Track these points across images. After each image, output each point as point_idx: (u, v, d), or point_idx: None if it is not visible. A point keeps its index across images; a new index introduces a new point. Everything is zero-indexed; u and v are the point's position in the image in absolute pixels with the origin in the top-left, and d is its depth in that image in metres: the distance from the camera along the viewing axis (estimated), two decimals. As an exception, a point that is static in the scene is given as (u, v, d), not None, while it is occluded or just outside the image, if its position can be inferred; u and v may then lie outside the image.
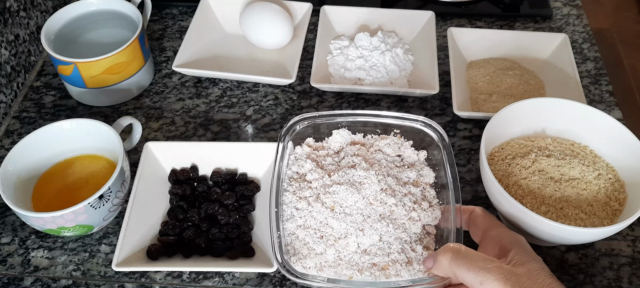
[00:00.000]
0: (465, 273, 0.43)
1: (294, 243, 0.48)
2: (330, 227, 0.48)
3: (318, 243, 0.47)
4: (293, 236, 0.48)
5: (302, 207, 0.50)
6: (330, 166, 0.53)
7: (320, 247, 0.47)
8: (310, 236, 0.48)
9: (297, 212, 0.50)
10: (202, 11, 0.79)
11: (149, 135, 0.68)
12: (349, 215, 0.49)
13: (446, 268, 0.45)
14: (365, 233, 0.48)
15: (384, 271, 0.47)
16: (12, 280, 0.56)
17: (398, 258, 0.47)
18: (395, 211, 0.50)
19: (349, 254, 0.47)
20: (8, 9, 0.70)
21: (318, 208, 0.49)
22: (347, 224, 0.48)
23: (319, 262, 0.47)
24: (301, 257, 0.47)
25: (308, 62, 0.76)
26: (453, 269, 0.44)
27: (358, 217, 0.48)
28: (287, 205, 0.50)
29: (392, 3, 0.85)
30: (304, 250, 0.47)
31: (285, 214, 0.50)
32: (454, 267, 0.44)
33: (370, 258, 0.47)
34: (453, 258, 0.44)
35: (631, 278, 0.55)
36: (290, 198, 0.51)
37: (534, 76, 0.72)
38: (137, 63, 0.70)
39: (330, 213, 0.49)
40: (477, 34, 0.76)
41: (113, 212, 0.57)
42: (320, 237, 0.48)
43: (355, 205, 0.49)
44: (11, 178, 0.56)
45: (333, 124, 0.55)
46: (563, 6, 0.85)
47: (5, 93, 0.70)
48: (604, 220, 0.53)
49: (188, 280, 0.55)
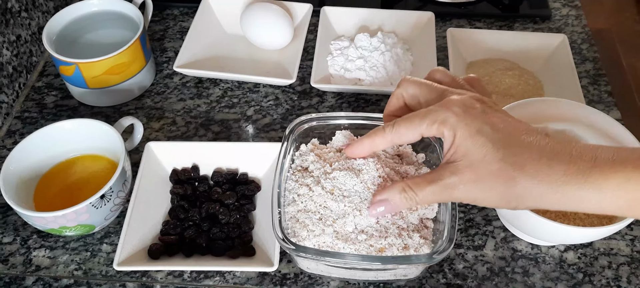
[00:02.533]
0: (409, 132, 0.43)
1: (294, 226, 0.49)
2: (329, 210, 0.49)
3: (317, 224, 0.48)
4: (293, 219, 0.49)
5: (303, 192, 0.51)
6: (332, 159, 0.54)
7: (319, 228, 0.48)
8: (310, 218, 0.49)
9: (299, 197, 0.51)
10: (202, 12, 0.79)
11: (150, 135, 0.68)
12: (347, 197, 0.49)
13: (399, 189, 0.44)
14: (362, 214, 0.48)
15: (381, 252, 0.47)
16: (14, 280, 0.56)
17: (395, 242, 0.48)
18: None
19: (346, 233, 0.48)
20: (10, 9, 0.71)
21: (318, 192, 0.50)
22: (345, 205, 0.49)
23: (317, 243, 0.48)
24: (301, 238, 0.48)
25: (308, 63, 0.76)
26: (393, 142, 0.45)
27: (356, 199, 0.49)
28: (289, 192, 0.51)
29: (392, 4, 0.86)
30: (303, 232, 0.48)
31: (287, 199, 0.51)
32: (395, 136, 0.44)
33: (367, 239, 0.48)
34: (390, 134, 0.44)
35: (630, 278, 0.55)
36: (293, 185, 0.52)
37: (533, 76, 0.72)
38: (139, 63, 0.70)
39: (330, 196, 0.50)
40: (477, 34, 0.76)
41: (114, 211, 0.57)
42: (319, 218, 0.49)
43: (354, 188, 0.50)
44: (13, 178, 0.56)
45: (336, 125, 0.56)
46: (562, 7, 0.86)
47: (7, 93, 0.70)
48: (603, 220, 0.53)
49: (189, 279, 0.56)
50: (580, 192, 0.38)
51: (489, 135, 0.40)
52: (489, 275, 0.56)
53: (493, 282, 0.55)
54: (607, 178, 0.38)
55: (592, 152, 0.39)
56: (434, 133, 0.42)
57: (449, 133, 0.41)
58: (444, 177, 0.42)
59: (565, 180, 0.38)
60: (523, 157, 0.39)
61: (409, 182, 0.44)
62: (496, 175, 0.39)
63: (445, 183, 0.41)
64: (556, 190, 0.38)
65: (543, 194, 0.39)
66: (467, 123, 0.40)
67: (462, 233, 0.59)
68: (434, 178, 0.42)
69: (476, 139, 0.40)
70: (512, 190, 0.39)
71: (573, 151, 0.39)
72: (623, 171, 0.37)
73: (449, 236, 0.47)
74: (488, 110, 0.42)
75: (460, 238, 0.58)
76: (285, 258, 0.57)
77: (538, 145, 0.40)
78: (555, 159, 0.39)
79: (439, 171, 0.42)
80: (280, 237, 0.47)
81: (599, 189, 0.38)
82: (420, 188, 0.43)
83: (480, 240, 0.58)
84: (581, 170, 0.38)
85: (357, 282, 0.55)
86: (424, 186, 0.43)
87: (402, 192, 0.44)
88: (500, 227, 0.59)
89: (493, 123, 0.41)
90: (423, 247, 0.48)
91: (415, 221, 0.50)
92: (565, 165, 0.38)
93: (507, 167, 0.39)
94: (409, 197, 0.44)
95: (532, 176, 0.39)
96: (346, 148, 0.51)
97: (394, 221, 0.49)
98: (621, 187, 0.37)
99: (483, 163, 0.40)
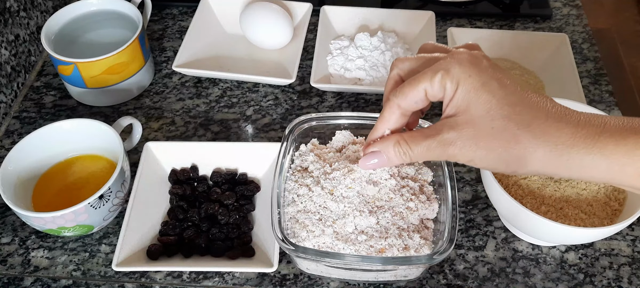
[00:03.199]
0: (412, 94, 0.40)
1: (293, 227, 0.49)
2: (329, 210, 0.49)
3: (316, 224, 0.48)
4: (293, 220, 0.49)
5: (303, 193, 0.50)
6: (332, 159, 0.54)
7: (319, 228, 0.48)
8: (309, 219, 0.49)
9: (298, 198, 0.50)
10: (202, 11, 0.79)
11: (149, 135, 0.68)
12: (346, 197, 0.49)
13: (392, 141, 0.42)
14: (362, 214, 0.48)
15: (381, 253, 0.47)
16: (12, 280, 0.56)
17: (395, 243, 0.47)
18: (393, 198, 0.50)
19: (346, 234, 0.48)
20: (8, 9, 0.70)
21: (318, 192, 0.50)
22: (345, 205, 0.49)
23: (316, 243, 0.47)
24: (300, 239, 0.48)
25: (308, 62, 0.76)
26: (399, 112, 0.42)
27: (355, 199, 0.49)
28: (289, 192, 0.51)
29: (392, 3, 0.85)
30: (302, 233, 0.48)
31: (286, 200, 0.51)
32: (399, 102, 0.41)
33: (367, 239, 0.47)
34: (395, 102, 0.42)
35: (631, 278, 0.55)
36: (292, 185, 0.51)
37: (534, 76, 0.72)
38: (137, 63, 0.70)
39: (329, 197, 0.49)
40: (477, 34, 0.76)
41: (113, 212, 0.57)
42: (319, 219, 0.49)
43: (354, 189, 0.50)
44: (11, 178, 0.56)
45: (335, 125, 0.56)
46: (563, 6, 0.85)
47: (5, 93, 0.70)
48: (604, 220, 0.53)
49: (188, 280, 0.55)
50: (587, 157, 0.36)
51: (495, 91, 0.38)
52: (490, 275, 0.55)
53: (494, 283, 0.55)
54: (618, 144, 0.36)
55: (601, 119, 0.37)
56: (436, 87, 0.39)
57: (452, 84, 0.38)
58: (442, 131, 0.39)
59: (572, 143, 0.36)
60: (529, 116, 0.37)
61: (405, 135, 0.42)
62: (498, 133, 0.37)
63: (442, 138, 0.39)
64: (561, 153, 0.37)
65: (546, 157, 0.37)
66: (472, 74, 0.38)
67: (462, 233, 0.59)
68: (431, 133, 0.40)
69: (480, 92, 0.37)
70: (513, 151, 0.37)
71: (581, 116, 0.37)
72: (634, 137, 0.36)
73: (450, 236, 0.47)
74: (495, 66, 0.39)
75: (460, 238, 0.58)
76: (285, 259, 0.56)
77: (545, 107, 0.38)
78: (563, 121, 0.37)
79: (437, 125, 0.40)
80: (279, 237, 0.47)
81: (608, 155, 0.36)
82: (415, 143, 0.41)
83: (480, 240, 0.58)
84: (590, 135, 0.36)
85: (356, 283, 0.55)
86: (420, 141, 0.40)
87: (397, 146, 0.42)
88: (501, 227, 0.59)
89: (499, 79, 0.38)
90: (423, 248, 0.48)
91: (415, 221, 0.50)
92: (573, 128, 0.37)
93: (511, 125, 0.37)
94: (403, 152, 0.42)
95: (537, 136, 0.37)
96: (361, 161, 0.46)
97: (394, 221, 0.49)
98: (631, 154, 0.36)
99: (485, 120, 0.37)
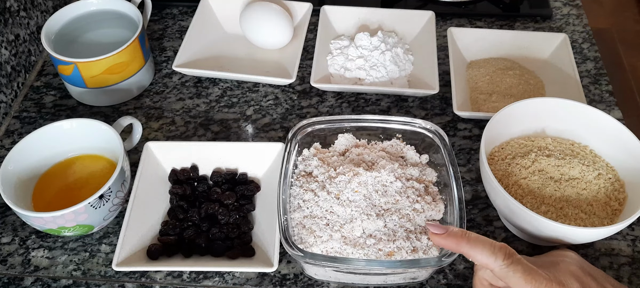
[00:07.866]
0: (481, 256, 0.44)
1: (300, 232, 0.48)
2: (336, 215, 0.49)
3: (324, 230, 0.48)
4: (300, 226, 0.49)
5: (309, 198, 0.50)
6: (336, 163, 0.53)
7: (326, 233, 0.48)
8: (317, 224, 0.48)
9: (304, 203, 0.50)
10: (202, 11, 0.79)
11: (149, 135, 0.68)
12: (353, 201, 0.49)
13: (458, 237, 0.45)
14: (369, 218, 0.48)
15: (390, 257, 0.47)
16: (13, 280, 0.56)
17: (403, 245, 0.47)
18: (399, 201, 0.50)
19: (355, 238, 0.48)
20: (8, 8, 0.70)
21: (324, 197, 0.50)
22: (352, 210, 0.49)
23: (324, 249, 0.47)
24: (308, 245, 0.47)
25: (308, 62, 0.76)
26: (468, 247, 0.44)
27: (362, 203, 0.49)
28: (294, 198, 0.51)
29: (392, 3, 0.85)
30: (310, 239, 0.48)
31: (292, 206, 0.50)
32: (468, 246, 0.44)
33: (376, 243, 0.47)
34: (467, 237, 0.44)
35: (631, 278, 0.55)
36: (297, 191, 0.51)
37: (534, 76, 0.72)
38: (138, 63, 0.70)
39: (336, 201, 0.49)
40: (477, 34, 0.76)
41: (113, 211, 0.57)
42: (326, 224, 0.48)
43: (360, 193, 0.50)
44: (11, 178, 0.56)
45: (338, 128, 0.56)
46: (563, 6, 0.85)
47: (5, 93, 0.70)
48: (604, 220, 0.53)
49: (188, 279, 0.55)
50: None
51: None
52: (490, 275, 0.55)
53: (494, 283, 0.55)
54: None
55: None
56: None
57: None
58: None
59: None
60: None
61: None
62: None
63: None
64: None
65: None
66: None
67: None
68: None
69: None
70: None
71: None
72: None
73: None
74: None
75: (460, 238, 0.58)
76: (285, 258, 0.56)
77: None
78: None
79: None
80: (287, 244, 0.47)
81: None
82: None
83: (480, 240, 0.58)
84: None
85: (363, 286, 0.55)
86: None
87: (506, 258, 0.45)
88: (501, 227, 0.59)
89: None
90: (431, 249, 0.48)
91: (422, 223, 0.50)
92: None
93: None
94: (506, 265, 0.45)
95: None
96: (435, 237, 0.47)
97: (402, 224, 0.49)
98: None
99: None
